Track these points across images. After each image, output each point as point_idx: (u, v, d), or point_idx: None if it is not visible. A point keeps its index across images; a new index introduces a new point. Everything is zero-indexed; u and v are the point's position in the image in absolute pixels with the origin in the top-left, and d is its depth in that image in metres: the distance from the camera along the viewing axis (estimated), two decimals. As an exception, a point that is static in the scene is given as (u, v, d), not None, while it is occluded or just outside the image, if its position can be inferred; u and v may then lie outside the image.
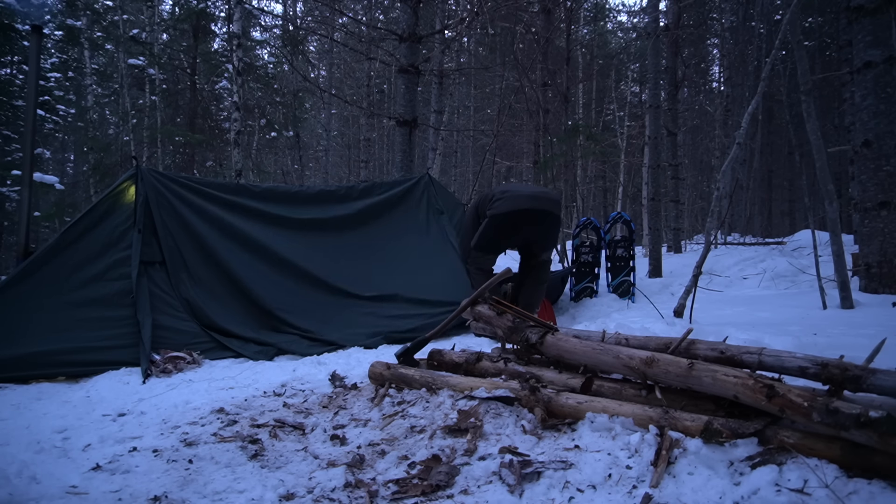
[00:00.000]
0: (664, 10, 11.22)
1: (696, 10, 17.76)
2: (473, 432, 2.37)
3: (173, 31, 15.98)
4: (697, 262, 4.76)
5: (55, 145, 21.95)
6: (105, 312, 4.38)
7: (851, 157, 8.72)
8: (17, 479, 2.20)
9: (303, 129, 19.36)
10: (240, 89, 10.08)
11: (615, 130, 19.61)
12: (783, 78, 9.55)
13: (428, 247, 5.79)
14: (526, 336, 3.02)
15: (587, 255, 6.99)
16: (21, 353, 4.00)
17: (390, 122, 13.17)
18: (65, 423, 3.03)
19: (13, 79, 14.72)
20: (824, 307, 5.26)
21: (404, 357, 3.39)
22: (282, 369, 4.04)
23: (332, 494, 2.06)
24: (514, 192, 5.00)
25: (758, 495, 1.73)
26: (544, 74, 11.21)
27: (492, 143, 12.66)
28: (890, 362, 2.25)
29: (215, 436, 2.70)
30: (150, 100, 15.61)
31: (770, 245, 11.32)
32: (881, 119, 5.84)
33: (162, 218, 4.90)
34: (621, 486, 1.92)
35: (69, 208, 13.71)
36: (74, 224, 4.66)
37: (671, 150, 11.84)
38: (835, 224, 5.54)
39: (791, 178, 23.24)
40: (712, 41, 23.94)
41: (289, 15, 17.88)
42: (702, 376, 2.17)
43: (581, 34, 19.22)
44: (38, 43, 4.85)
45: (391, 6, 17.69)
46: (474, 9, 9.06)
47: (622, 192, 19.15)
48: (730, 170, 5.29)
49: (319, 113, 21.32)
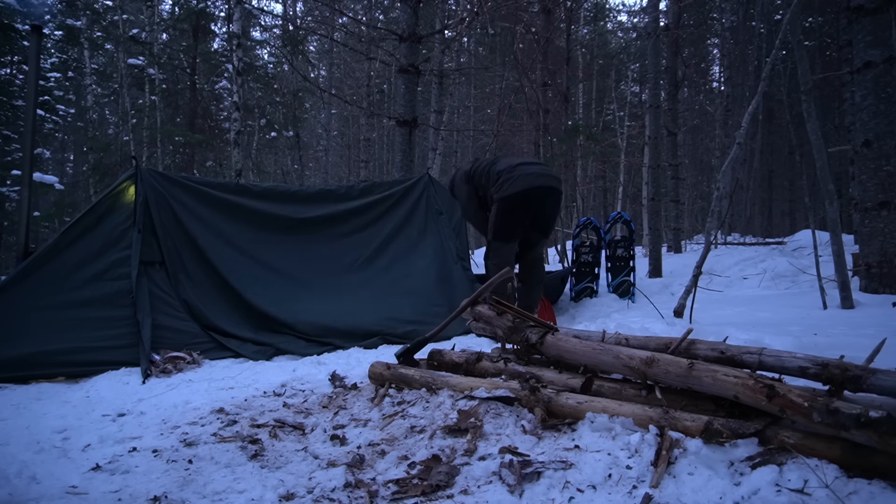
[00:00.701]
0: (664, 10, 11.22)
1: (696, 10, 17.77)
2: (473, 432, 2.37)
3: (173, 30, 15.99)
4: (697, 262, 4.75)
5: (55, 145, 21.95)
6: (105, 312, 4.38)
7: (851, 157, 8.72)
8: (17, 479, 2.20)
9: (303, 129, 19.35)
10: (240, 89, 10.08)
11: (615, 130, 19.61)
12: (783, 78, 9.55)
13: (426, 246, 5.81)
14: (526, 336, 3.02)
15: (587, 255, 6.99)
16: (21, 353, 3.99)
17: (390, 122, 13.17)
18: (65, 423, 3.03)
19: (13, 79, 14.72)
20: (824, 307, 5.26)
21: (404, 357, 3.39)
22: (282, 369, 4.04)
23: (332, 494, 2.06)
24: (524, 170, 4.72)
25: (758, 495, 1.73)
26: (544, 74, 11.21)
27: (492, 143, 12.66)
28: (890, 362, 2.25)
29: (215, 436, 2.70)
30: (149, 100, 15.61)
31: (770, 245, 11.32)
32: (881, 119, 5.84)
33: (161, 218, 4.90)
34: (621, 486, 1.92)
35: (69, 208, 13.70)
36: (74, 224, 4.66)
37: (671, 150, 11.83)
38: (835, 224, 5.54)
39: (791, 178, 23.25)
40: (712, 41, 23.97)
41: (289, 15, 17.89)
42: (702, 376, 2.17)
43: (581, 34, 19.22)
44: (38, 43, 4.85)
45: (391, 6, 17.69)
46: (474, 9, 9.06)
47: (622, 192, 19.15)
48: (730, 170, 5.29)
49: (319, 113, 21.32)
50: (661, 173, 11.24)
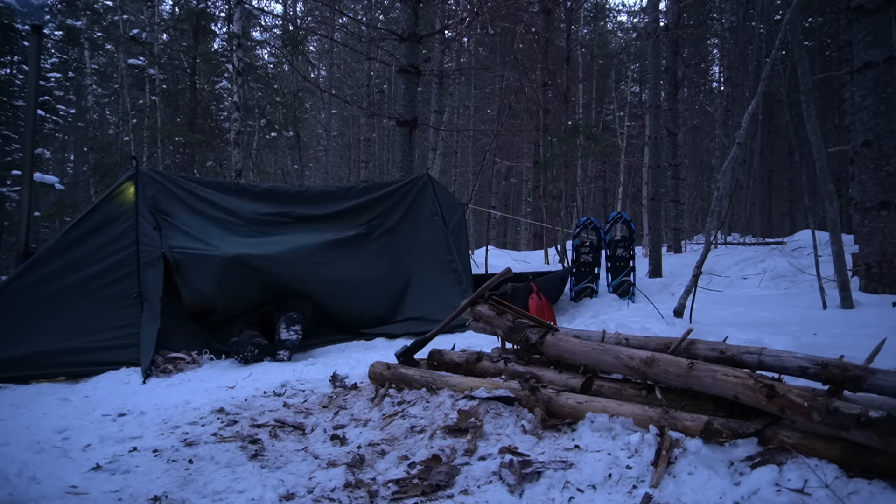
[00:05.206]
0: (664, 10, 11.22)
1: (696, 10, 17.75)
2: (473, 432, 2.37)
3: (173, 31, 15.98)
4: (697, 262, 4.76)
5: (55, 145, 21.93)
6: (105, 312, 4.38)
7: (851, 157, 8.72)
8: (17, 479, 2.20)
9: (303, 129, 19.35)
10: (240, 89, 10.07)
11: (615, 130, 19.60)
12: (783, 78, 9.54)
13: (425, 247, 5.84)
14: (526, 336, 3.02)
15: (587, 255, 6.99)
16: (21, 353, 4.00)
17: (390, 122, 13.17)
18: (65, 423, 3.03)
19: (13, 79, 14.69)
20: (824, 307, 5.26)
21: (404, 357, 3.39)
22: (282, 369, 4.04)
23: (332, 494, 2.06)
24: None
25: (758, 495, 1.73)
26: (544, 74, 11.22)
27: (492, 143, 12.66)
28: (890, 362, 2.25)
29: (215, 436, 2.70)
30: (150, 100, 15.60)
31: (770, 245, 11.31)
32: (881, 119, 5.84)
33: (162, 218, 4.90)
34: (621, 486, 1.92)
35: (69, 208, 13.69)
36: (75, 224, 4.66)
37: (671, 150, 11.84)
38: (835, 224, 5.54)
39: (791, 178, 23.23)
40: (712, 41, 23.94)
41: (289, 15, 17.87)
42: (702, 376, 2.17)
43: (581, 34, 19.22)
44: (38, 43, 4.85)
45: (391, 6, 17.69)
46: (474, 9, 9.06)
47: (622, 192, 19.15)
48: (730, 170, 5.29)
49: (319, 113, 21.31)
50: (661, 173, 11.24)
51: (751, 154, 17.48)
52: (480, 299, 3.37)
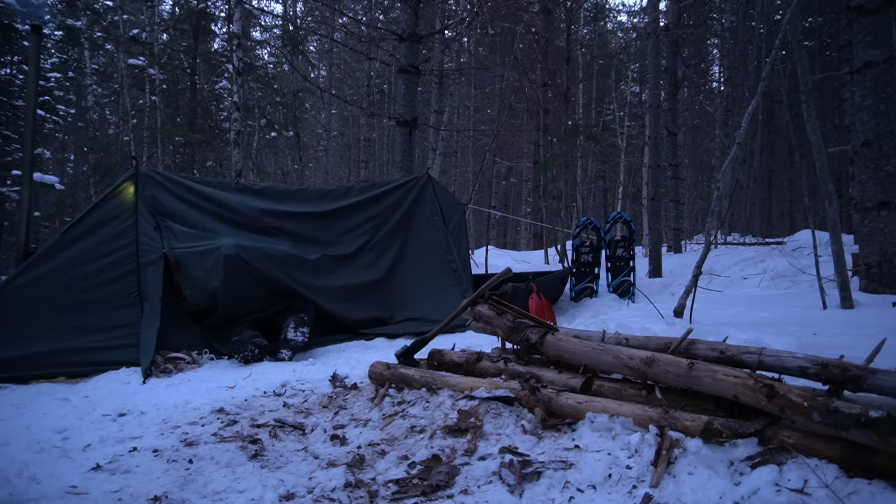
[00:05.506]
0: (664, 10, 11.22)
1: (696, 10, 17.75)
2: (473, 432, 2.37)
3: (173, 31, 15.97)
4: (697, 262, 4.76)
5: (55, 145, 21.92)
6: (105, 312, 4.38)
7: (851, 157, 8.71)
8: (17, 479, 2.20)
9: (303, 129, 19.35)
10: (240, 89, 10.07)
11: (615, 130, 19.59)
12: (783, 78, 9.54)
13: (425, 247, 5.84)
14: (526, 336, 3.02)
15: (587, 255, 6.99)
16: (21, 353, 4.00)
17: (390, 122, 13.18)
18: (65, 423, 3.03)
19: (13, 79, 14.69)
20: (824, 307, 5.26)
21: (404, 357, 3.39)
22: (282, 369, 4.04)
23: (332, 494, 2.06)
24: None
25: (758, 495, 1.73)
26: (544, 74, 11.22)
27: (492, 143, 12.66)
28: (890, 362, 2.25)
29: (215, 436, 2.70)
30: (150, 100, 15.60)
31: (770, 245, 11.31)
32: (881, 119, 5.84)
33: (161, 218, 4.90)
34: (621, 486, 1.92)
35: (69, 208, 13.69)
36: (74, 224, 4.67)
37: (671, 150, 11.83)
38: (835, 224, 5.54)
39: (791, 178, 23.22)
40: (712, 41, 23.93)
41: (289, 15, 17.87)
42: (702, 376, 2.17)
43: (581, 34, 19.22)
44: (38, 43, 4.86)
45: (391, 6, 17.69)
46: (474, 9, 9.06)
47: (622, 192, 19.15)
48: (730, 170, 5.29)
49: (319, 113, 21.31)
50: (661, 173, 11.24)
51: (751, 154, 17.48)
52: (480, 299, 3.37)
